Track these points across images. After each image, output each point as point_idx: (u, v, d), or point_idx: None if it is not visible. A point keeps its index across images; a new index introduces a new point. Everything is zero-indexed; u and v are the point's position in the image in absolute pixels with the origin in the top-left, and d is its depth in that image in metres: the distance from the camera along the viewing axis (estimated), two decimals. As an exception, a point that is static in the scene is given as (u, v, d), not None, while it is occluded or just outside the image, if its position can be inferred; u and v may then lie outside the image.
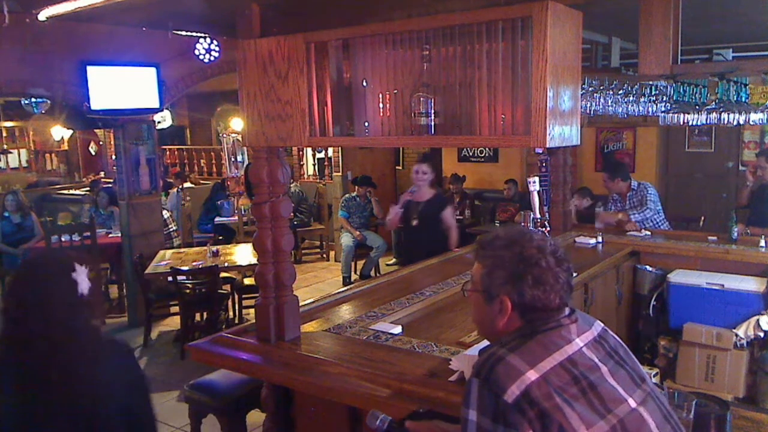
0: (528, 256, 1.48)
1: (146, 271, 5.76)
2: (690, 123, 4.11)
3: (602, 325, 1.56)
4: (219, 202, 9.39)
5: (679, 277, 4.35)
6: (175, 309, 6.17)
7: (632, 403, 1.39)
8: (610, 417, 1.33)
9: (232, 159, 11.02)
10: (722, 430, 1.78)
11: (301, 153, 10.60)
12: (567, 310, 1.50)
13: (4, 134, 13.85)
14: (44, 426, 1.80)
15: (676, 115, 4.14)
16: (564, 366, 1.37)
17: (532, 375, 1.32)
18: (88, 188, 10.44)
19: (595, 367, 1.40)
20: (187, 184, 10.37)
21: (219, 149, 11.98)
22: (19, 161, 14.14)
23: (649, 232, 5.00)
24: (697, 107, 4.08)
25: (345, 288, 3.88)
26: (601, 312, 4.05)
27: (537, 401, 1.30)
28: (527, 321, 1.48)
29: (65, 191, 10.76)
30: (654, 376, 2.47)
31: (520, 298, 1.47)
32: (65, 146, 14.44)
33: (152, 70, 6.26)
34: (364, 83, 2.35)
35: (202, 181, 11.53)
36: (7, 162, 13.80)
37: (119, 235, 6.95)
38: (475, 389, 1.36)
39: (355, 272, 8.14)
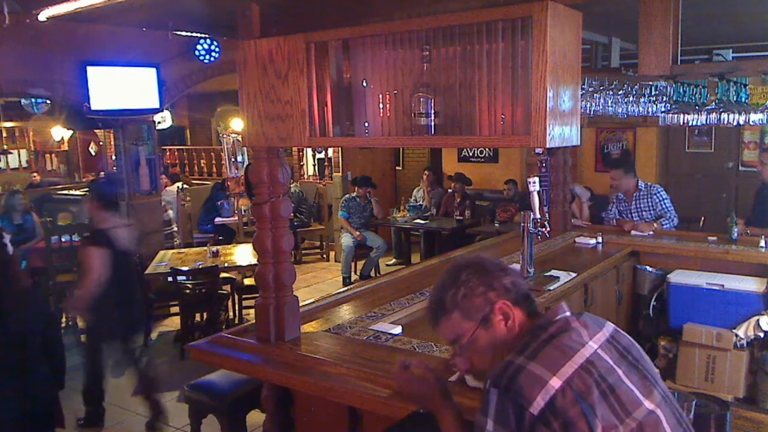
0: (466, 277, 1.54)
1: (146, 271, 5.76)
2: (690, 123, 4.11)
3: (613, 325, 1.54)
4: (219, 203, 9.39)
5: (679, 277, 4.35)
6: (175, 309, 6.17)
7: (648, 406, 1.37)
8: (628, 421, 1.32)
9: (232, 159, 11.00)
10: (722, 430, 1.77)
11: (301, 153, 10.59)
12: (567, 311, 1.50)
13: (4, 134, 13.82)
14: None
15: (676, 116, 4.14)
16: (584, 369, 1.35)
17: (555, 383, 1.31)
18: (88, 188, 10.41)
19: (611, 369, 1.38)
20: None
21: (219, 149, 11.98)
22: (19, 161, 14.12)
23: (652, 231, 5.00)
24: (697, 107, 4.07)
25: (345, 288, 3.87)
26: (601, 312, 4.04)
27: (562, 411, 1.28)
28: (529, 314, 1.49)
29: (65, 191, 10.74)
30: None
31: (506, 292, 1.51)
32: (65, 146, 14.41)
33: (152, 71, 6.27)
34: (364, 83, 2.35)
35: (194, 182, 11.50)
36: (7, 162, 13.78)
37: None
38: (495, 399, 1.33)
39: (355, 272, 8.15)
